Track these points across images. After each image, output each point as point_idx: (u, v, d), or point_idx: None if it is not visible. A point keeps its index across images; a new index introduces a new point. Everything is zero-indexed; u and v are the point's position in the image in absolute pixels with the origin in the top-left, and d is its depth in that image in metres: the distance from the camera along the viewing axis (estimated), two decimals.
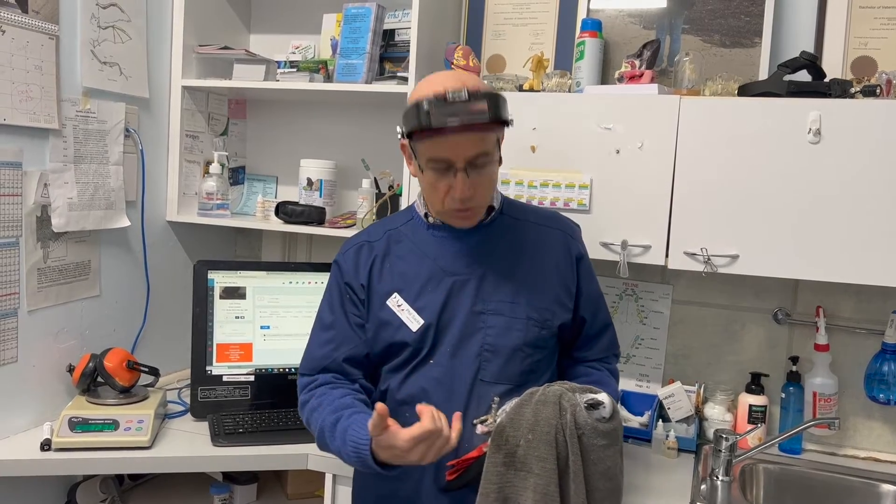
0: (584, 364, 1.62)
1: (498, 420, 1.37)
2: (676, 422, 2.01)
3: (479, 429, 1.39)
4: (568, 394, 1.36)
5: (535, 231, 1.56)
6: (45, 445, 1.71)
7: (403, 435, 1.27)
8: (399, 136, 1.44)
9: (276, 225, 2.21)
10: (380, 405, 1.27)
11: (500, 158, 1.48)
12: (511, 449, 1.34)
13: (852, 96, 1.72)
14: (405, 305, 1.49)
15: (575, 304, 1.56)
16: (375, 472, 1.35)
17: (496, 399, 1.40)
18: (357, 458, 1.35)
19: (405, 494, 1.48)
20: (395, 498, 1.50)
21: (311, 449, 1.80)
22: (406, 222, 1.58)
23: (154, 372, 1.98)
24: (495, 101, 1.36)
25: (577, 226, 1.64)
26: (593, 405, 1.34)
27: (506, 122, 1.40)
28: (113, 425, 1.77)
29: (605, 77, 2.08)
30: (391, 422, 1.29)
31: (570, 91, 1.99)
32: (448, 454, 1.43)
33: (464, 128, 1.33)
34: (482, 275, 1.49)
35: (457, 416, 1.33)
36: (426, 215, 1.54)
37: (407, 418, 1.46)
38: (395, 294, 1.50)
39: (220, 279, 2.04)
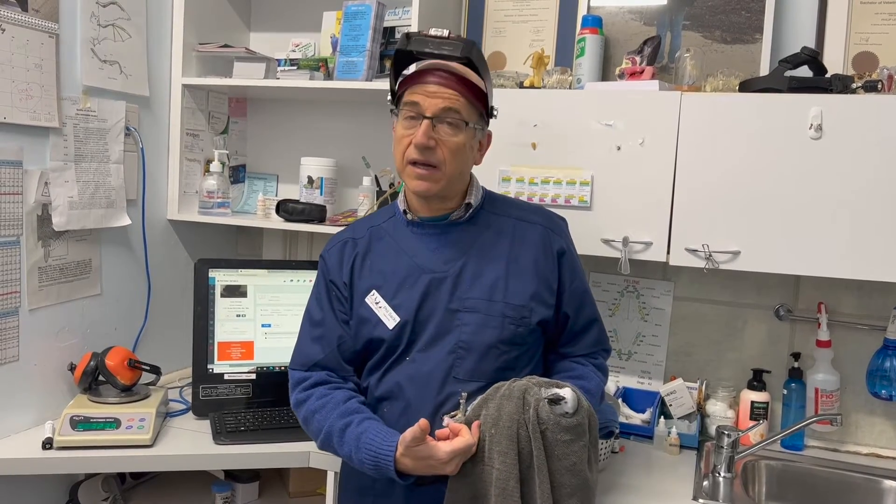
0: (570, 359, 1.61)
1: (466, 415, 1.38)
2: (678, 419, 2.01)
3: (447, 421, 1.40)
4: (533, 388, 1.36)
5: (515, 226, 1.56)
6: (47, 444, 1.71)
7: (444, 447, 1.32)
8: (388, 101, 1.51)
9: (277, 223, 2.20)
10: (423, 421, 1.31)
11: (480, 159, 1.54)
12: (477, 444, 1.35)
13: (853, 92, 1.72)
14: (382, 303, 1.50)
15: (557, 301, 1.55)
16: (389, 478, 1.38)
17: (464, 395, 1.40)
18: (374, 465, 1.38)
19: (381, 487, 1.50)
20: (373, 490, 1.52)
21: (313, 447, 1.79)
22: (388, 219, 1.59)
23: (155, 370, 1.98)
24: (471, 46, 1.43)
25: (563, 220, 1.62)
26: (555, 400, 1.33)
27: (487, 107, 1.49)
28: (114, 424, 1.77)
29: (605, 74, 2.08)
30: (428, 436, 1.33)
31: (570, 88, 1.98)
32: None
33: (442, 79, 1.41)
34: (459, 272, 1.50)
35: (476, 424, 1.36)
36: (405, 212, 1.55)
37: (385, 413, 1.49)
38: (374, 291, 1.52)
39: (221, 277, 2.04)
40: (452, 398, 1.45)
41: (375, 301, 1.51)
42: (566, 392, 1.35)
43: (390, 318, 1.49)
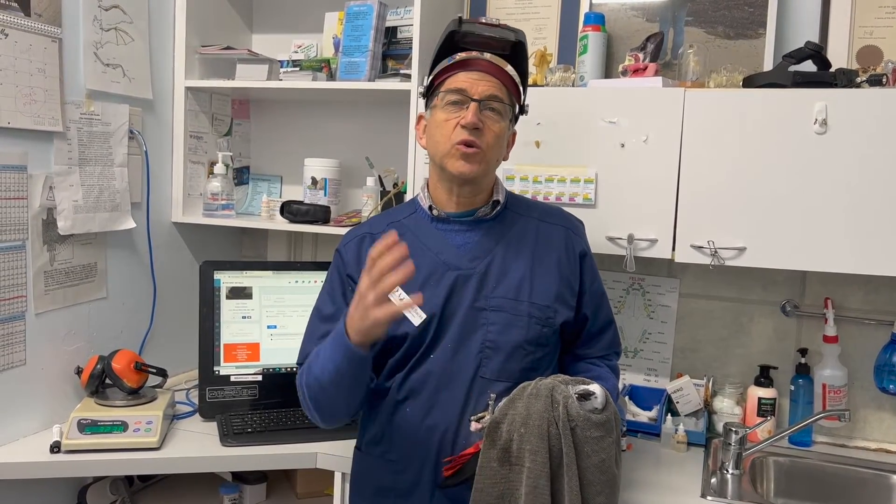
0: (585, 360, 1.61)
1: (494, 416, 1.37)
2: (685, 416, 2.01)
3: (474, 426, 1.38)
4: (560, 386, 1.35)
5: (539, 227, 1.56)
6: (55, 448, 1.72)
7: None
8: (420, 93, 1.53)
9: (282, 224, 2.20)
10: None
11: (507, 155, 1.55)
12: (505, 444, 1.34)
13: (858, 86, 1.71)
14: (407, 299, 1.48)
15: (577, 302, 1.55)
16: (354, 354, 1.33)
17: (492, 396, 1.39)
18: (335, 349, 1.35)
19: (403, 488, 1.48)
20: (393, 491, 1.49)
21: (321, 448, 1.80)
22: (409, 215, 1.58)
23: (162, 373, 1.98)
24: (521, 34, 1.49)
25: (581, 222, 1.63)
26: (584, 396, 1.33)
27: (521, 103, 1.53)
28: (122, 427, 1.77)
29: (608, 71, 2.07)
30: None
31: (573, 85, 1.98)
32: (445, 451, 1.44)
33: (485, 68, 1.45)
34: (485, 270, 1.49)
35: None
36: (430, 208, 1.54)
37: (408, 413, 1.47)
38: (397, 287, 1.49)
39: (227, 279, 2.04)
40: (479, 398, 1.44)
41: (399, 298, 1.48)
42: (595, 388, 1.34)
43: (415, 315, 1.44)
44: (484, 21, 1.47)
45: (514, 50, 1.50)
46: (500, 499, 1.33)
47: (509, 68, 1.49)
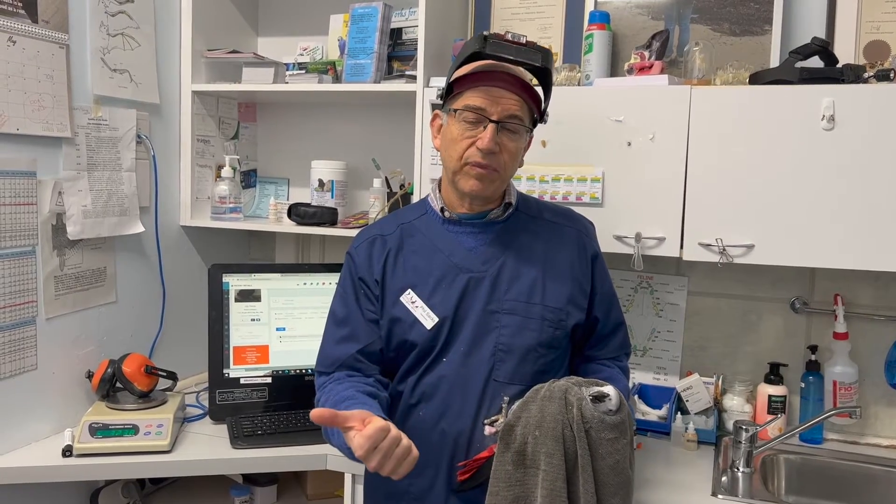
0: (596, 362, 1.61)
1: (507, 419, 1.36)
2: (695, 414, 2.00)
3: (487, 429, 1.38)
4: (574, 388, 1.35)
5: (551, 229, 1.55)
6: (67, 451, 1.72)
7: (357, 439, 1.20)
8: (437, 95, 1.48)
9: (289, 227, 2.21)
10: (322, 411, 1.20)
11: (523, 161, 1.53)
12: (519, 447, 1.33)
13: (866, 81, 1.70)
14: (419, 302, 1.47)
15: (589, 304, 1.55)
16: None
17: (506, 399, 1.39)
18: (348, 449, 1.29)
19: (417, 492, 1.47)
20: (407, 495, 1.49)
21: (330, 449, 1.79)
22: (419, 216, 1.57)
23: (172, 376, 1.99)
24: (548, 56, 1.45)
25: (592, 224, 1.63)
26: (599, 398, 1.33)
27: (542, 112, 1.49)
28: (133, 430, 1.78)
29: (614, 69, 2.07)
30: (352, 421, 1.22)
31: (579, 84, 1.98)
32: (459, 455, 1.43)
33: (506, 83, 1.40)
34: (497, 273, 1.48)
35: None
36: (442, 210, 1.53)
37: (421, 416, 1.47)
38: (409, 290, 1.48)
39: (235, 282, 2.05)
40: (492, 401, 1.43)
41: (412, 300, 1.48)
42: (609, 389, 1.34)
43: (428, 318, 1.46)
44: (511, 39, 1.41)
45: (547, 67, 1.46)
46: (515, 502, 1.32)
47: (530, 77, 1.46)
